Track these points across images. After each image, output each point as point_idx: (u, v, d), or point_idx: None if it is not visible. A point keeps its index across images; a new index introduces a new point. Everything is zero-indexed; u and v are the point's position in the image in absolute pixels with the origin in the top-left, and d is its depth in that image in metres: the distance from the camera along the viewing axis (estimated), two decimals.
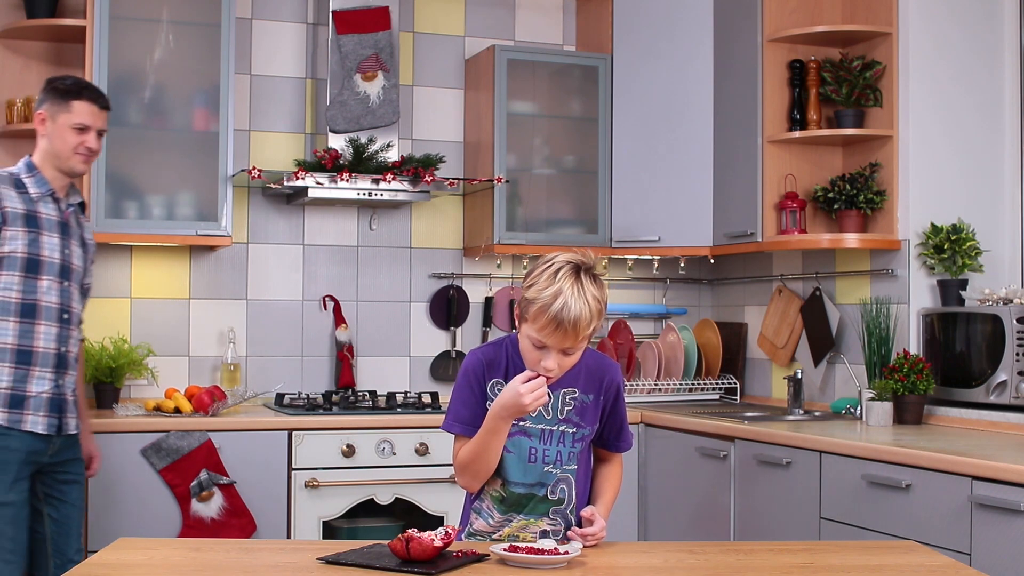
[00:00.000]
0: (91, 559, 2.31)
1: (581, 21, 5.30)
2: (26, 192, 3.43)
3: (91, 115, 3.49)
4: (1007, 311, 3.83)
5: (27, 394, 3.37)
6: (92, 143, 3.49)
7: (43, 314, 3.40)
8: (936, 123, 4.31)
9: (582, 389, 2.56)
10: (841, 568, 2.38)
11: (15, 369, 3.36)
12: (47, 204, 3.45)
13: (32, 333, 3.38)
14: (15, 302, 3.36)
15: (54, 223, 3.45)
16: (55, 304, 3.42)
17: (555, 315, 2.37)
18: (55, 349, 3.42)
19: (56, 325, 3.43)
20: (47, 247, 3.42)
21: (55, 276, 3.42)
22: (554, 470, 2.55)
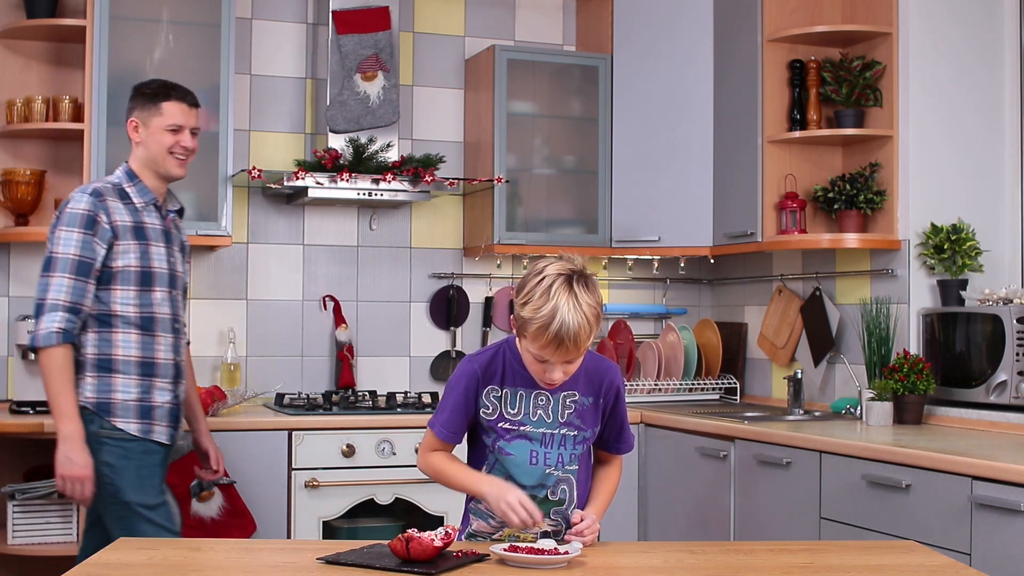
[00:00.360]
0: (91, 559, 2.31)
1: (581, 21, 5.30)
2: (131, 202, 3.39)
3: (182, 114, 3.45)
4: (1007, 311, 3.83)
5: (153, 404, 3.39)
6: (187, 142, 3.46)
7: (159, 326, 3.39)
8: (936, 123, 4.31)
9: (582, 392, 2.56)
10: (841, 568, 2.38)
11: (141, 380, 3.36)
12: (151, 213, 3.43)
13: (153, 345, 3.38)
14: (134, 315, 3.35)
15: (159, 232, 3.44)
16: (168, 315, 3.42)
17: (555, 334, 2.36)
18: (172, 359, 3.44)
19: (171, 336, 3.43)
20: (156, 258, 3.40)
21: (165, 287, 3.42)
22: (555, 472, 2.55)
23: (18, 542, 4.07)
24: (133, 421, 3.35)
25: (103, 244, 3.31)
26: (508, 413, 2.53)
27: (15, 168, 4.43)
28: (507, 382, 2.53)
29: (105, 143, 4.31)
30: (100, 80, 4.30)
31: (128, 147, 4.39)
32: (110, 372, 3.33)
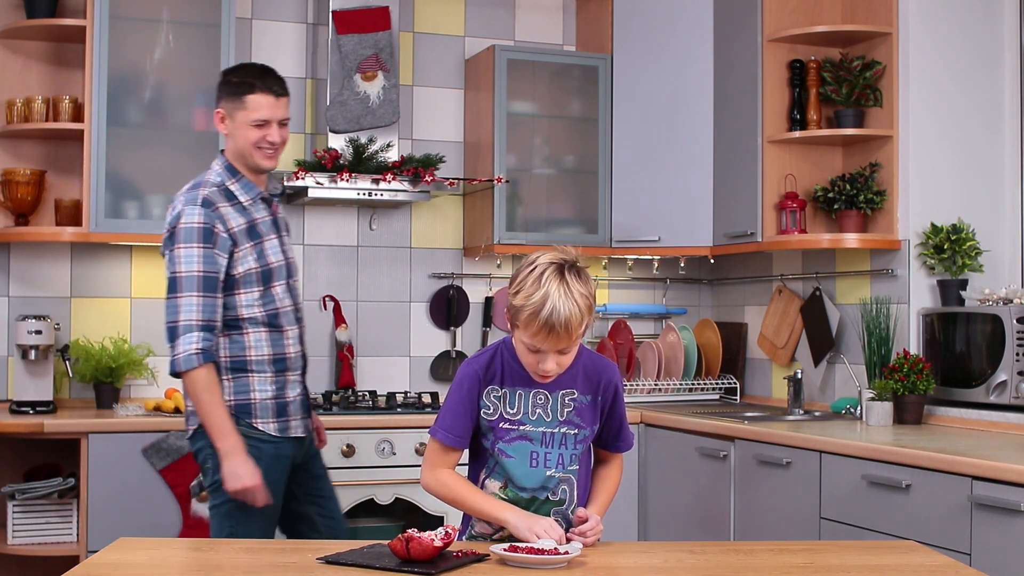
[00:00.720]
0: (91, 559, 2.31)
1: (581, 21, 5.30)
2: (238, 202, 3.28)
3: (268, 107, 3.30)
4: (1007, 311, 3.83)
5: (287, 400, 3.32)
6: (274, 136, 3.30)
7: (285, 319, 3.32)
8: (936, 123, 4.31)
9: (580, 390, 2.56)
10: (841, 568, 2.38)
11: (276, 377, 3.29)
12: (259, 207, 3.33)
13: (282, 340, 3.31)
14: (260, 315, 3.27)
15: (269, 224, 3.34)
16: (290, 307, 3.35)
17: (546, 320, 2.36)
18: (300, 351, 3.37)
19: (295, 327, 3.36)
20: (271, 252, 3.32)
21: (283, 279, 3.34)
22: (556, 473, 2.54)
23: (18, 542, 4.07)
24: (272, 421, 3.28)
25: (224, 254, 3.21)
26: (508, 413, 2.53)
27: (15, 168, 4.43)
28: (506, 382, 2.54)
29: (105, 143, 4.32)
30: (100, 80, 4.30)
31: (128, 147, 4.40)
32: (246, 372, 3.26)
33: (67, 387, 4.56)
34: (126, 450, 4.05)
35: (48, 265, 4.58)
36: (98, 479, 4.02)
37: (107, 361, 4.42)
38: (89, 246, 4.59)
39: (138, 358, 4.53)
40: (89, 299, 4.63)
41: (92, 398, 4.50)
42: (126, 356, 4.46)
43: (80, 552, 4.03)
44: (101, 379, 4.43)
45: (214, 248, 3.19)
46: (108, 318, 4.63)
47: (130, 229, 4.38)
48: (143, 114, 4.43)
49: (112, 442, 4.05)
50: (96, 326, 4.59)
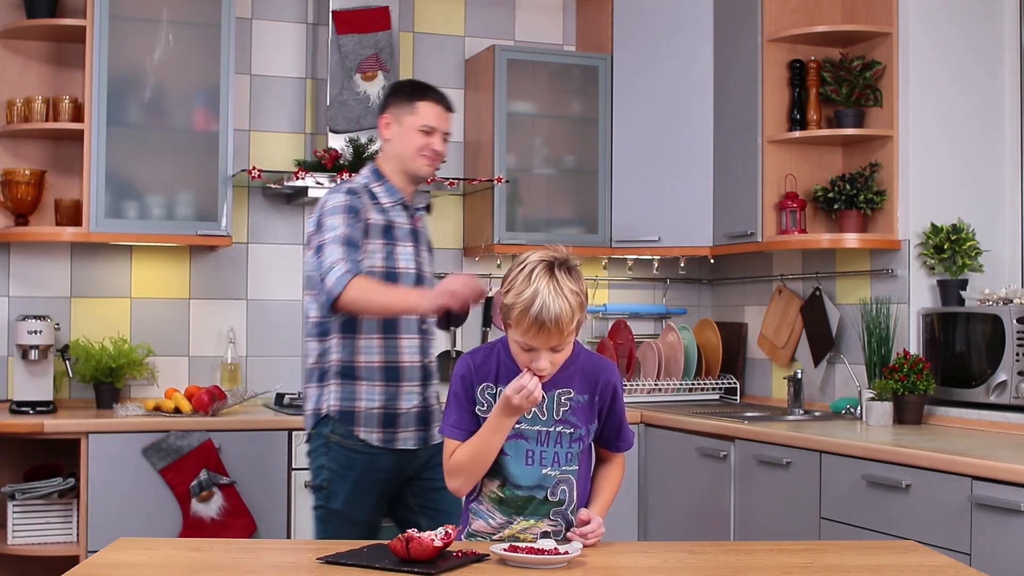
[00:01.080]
0: (91, 559, 2.31)
1: (581, 21, 5.30)
2: (378, 203, 3.30)
3: (437, 117, 3.35)
4: (1007, 311, 3.83)
5: (398, 411, 3.28)
6: (437, 145, 3.35)
7: (404, 328, 3.29)
8: (936, 123, 4.31)
9: (577, 389, 2.56)
10: (841, 568, 2.38)
11: (386, 387, 3.27)
12: (399, 213, 3.34)
13: (397, 349, 3.28)
14: (377, 319, 3.25)
15: (407, 232, 3.35)
16: (414, 316, 3.30)
17: (536, 317, 2.37)
18: (419, 362, 3.32)
19: (417, 337, 3.32)
20: (403, 258, 3.31)
21: (411, 288, 3.29)
22: (552, 472, 2.54)
23: (18, 542, 4.07)
24: (376, 430, 3.26)
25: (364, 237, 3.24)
26: None
27: (15, 168, 4.43)
28: (501, 379, 2.54)
29: (105, 143, 4.32)
30: (100, 80, 4.30)
31: (128, 147, 4.41)
32: (353, 380, 3.25)
33: (67, 387, 4.57)
34: (126, 450, 4.05)
35: (48, 265, 4.58)
36: (98, 479, 4.02)
37: (107, 361, 4.42)
38: (89, 246, 4.59)
39: (138, 358, 4.53)
40: (89, 299, 4.63)
41: (92, 398, 4.50)
42: (126, 356, 4.46)
43: (80, 552, 4.03)
44: (101, 379, 4.43)
45: (357, 220, 3.21)
46: (108, 318, 4.63)
47: (130, 229, 4.38)
48: (143, 114, 4.43)
49: (112, 442, 4.05)
50: (96, 326, 4.59)
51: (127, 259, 4.68)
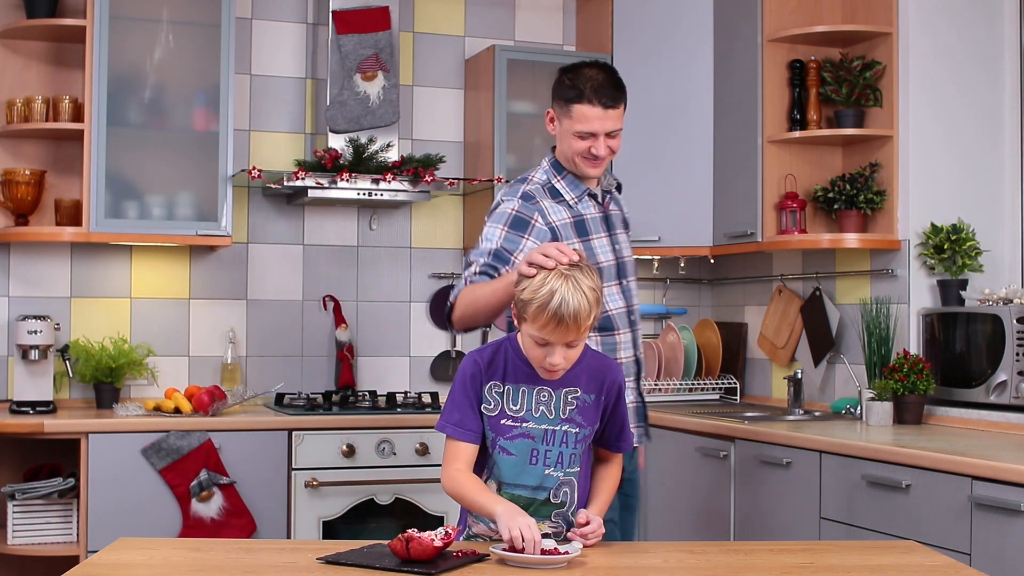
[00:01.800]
0: (91, 559, 2.31)
1: (581, 21, 5.30)
2: (563, 199, 3.10)
3: (596, 120, 3.03)
4: (1007, 311, 3.83)
5: None
6: (598, 149, 3.05)
7: (618, 321, 3.10)
8: (936, 123, 4.31)
9: (583, 389, 2.56)
10: (841, 568, 2.38)
11: None
12: (587, 204, 3.13)
13: (614, 344, 3.09)
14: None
15: (598, 221, 3.13)
16: (622, 308, 3.12)
17: (555, 311, 2.38)
18: (632, 356, 3.14)
19: (628, 330, 3.13)
20: (600, 251, 3.10)
21: (614, 279, 3.11)
22: (555, 473, 2.54)
23: (18, 542, 4.08)
24: None
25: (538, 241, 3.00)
26: (510, 409, 2.54)
27: (15, 168, 4.43)
28: (509, 378, 2.54)
29: (105, 143, 4.32)
30: (100, 80, 4.30)
31: (128, 147, 4.41)
32: None
33: (67, 387, 4.57)
34: (126, 450, 4.06)
35: (48, 265, 4.59)
36: (98, 479, 4.02)
37: (107, 361, 4.42)
38: (89, 246, 4.59)
39: (138, 358, 4.53)
40: (89, 299, 4.63)
41: (92, 398, 4.50)
42: (126, 356, 4.46)
43: (80, 552, 4.03)
44: (101, 379, 4.43)
45: (525, 236, 2.98)
46: (108, 318, 4.63)
47: (130, 229, 4.38)
48: (143, 114, 4.43)
49: (112, 442, 4.05)
50: (96, 326, 4.60)
51: (127, 259, 4.68)
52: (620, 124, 3.08)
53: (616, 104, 3.06)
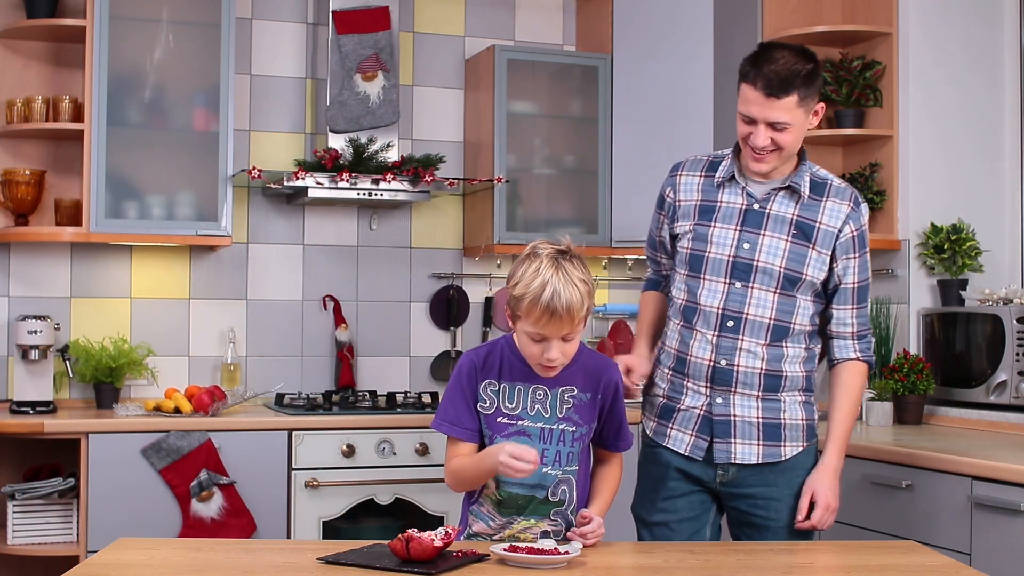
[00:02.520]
0: (91, 559, 2.31)
1: (581, 21, 5.30)
2: (712, 175, 2.94)
3: (756, 105, 2.78)
4: (1007, 311, 3.83)
5: (676, 407, 2.93)
6: (757, 139, 2.79)
7: (701, 319, 2.88)
8: (936, 123, 4.31)
9: (580, 387, 2.57)
10: (841, 568, 2.38)
11: (672, 376, 2.95)
12: (732, 191, 2.90)
13: (689, 340, 2.90)
14: (679, 302, 2.93)
15: (735, 211, 2.87)
16: (714, 308, 2.86)
17: (547, 304, 2.39)
18: (710, 360, 2.88)
19: (714, 333, 2.87)
20: (716, 242, 2.87)
21: (720, 276, 2.86)
22: (553, 471, 2.55)
23: (18, 542, 4.07)
24: (652, 419, 3.00)
25: (669, 222, 2.99)
26: (506, 408, 2.54)
27: (15, 168, 4.43)
28: (504, 376, 2.54)
29: (105, 143, 4.31)
30: (100, 80, 4.30)
31: (128, 147, 4.40)
32: (658, 364, 3.00)
33: (67, 387, 4.57)
34: (126, 450, 4.05)
35: (48, 265, 4.58)
36: (98, 479, 4.02)
37: (107, 361, 4.42)
38: (89, 246, 4.59)
39: (138, 358, 4.53)
40: (89, 299, 4.63)
41: (92, 398, 4.50)
42: (126, 356, 4.46)
43: (80, 552, 4.03)
44: (101, 379, 4.43)
45: (662, 212, 3.01)
46: (108, 318, 4.63)
47: (130, 229, 4.38)
48: (143, 114, 4.43)
49: (112, 442, 4.05)
50: (96, 326, 4.59)
51: (127, 259, 4.68)
52: (789, 118, 2.78)
53: (781, 93, 2.75)
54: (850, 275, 2.89)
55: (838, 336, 2.93)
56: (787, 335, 2.87)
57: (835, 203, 2.88)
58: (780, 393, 2.89)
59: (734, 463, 2.88)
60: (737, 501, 2.92)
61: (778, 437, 2.89)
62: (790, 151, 2.83)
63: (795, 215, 2.87)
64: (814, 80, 2.80)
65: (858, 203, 2.91)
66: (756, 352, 2.85)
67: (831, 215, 2.87)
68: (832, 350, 2.95)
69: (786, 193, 2.88)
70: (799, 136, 2.83)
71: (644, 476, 3.02)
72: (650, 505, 2.98)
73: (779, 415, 2.89)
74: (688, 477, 2.93)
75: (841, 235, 2.87)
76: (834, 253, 2.87)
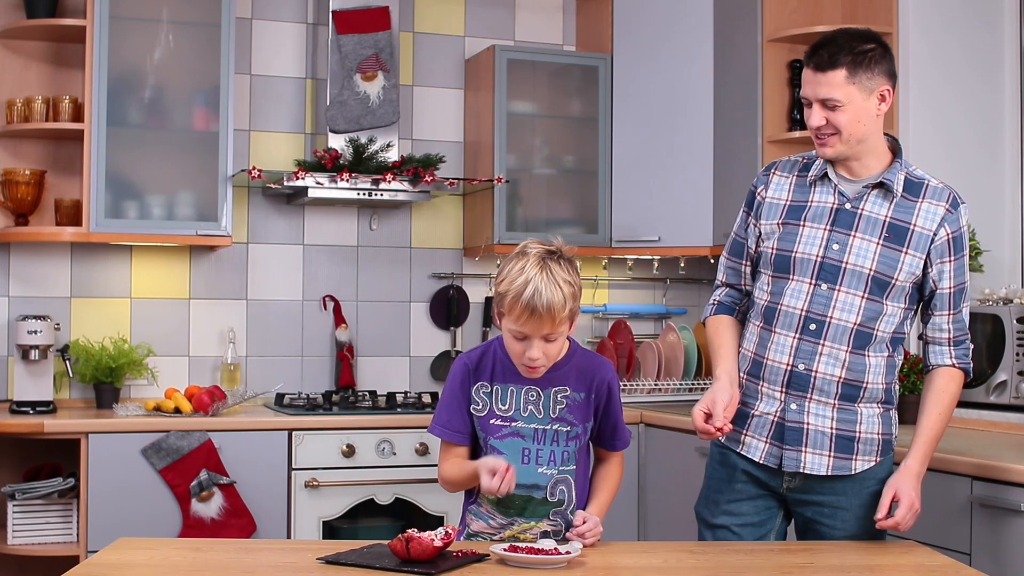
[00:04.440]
0: (91, 559, 2.32)
1: (581, 21, 5.30)
2: (804, 175, 2.87)
3: (808, 84, 2.76)
4: (1007, 311, 3.83)
5: (750, 412, 2.85)
6: (813, 118, 2.77)
7: (782, 322, 2.80)
8: (936, 123, 4.31)
9: (573, 387, 2.57)
10: (841, 568, 2.38)
11: (747, 380, 2.87)
12: (823, 190, 2.82)
13: (768, 342, 2.82)
14: (762, 303, 2.85)
15: (825, 211, 2.80)
16: (797, 310, 2.77)
17: (527, 302, 2.40)
18: (789, 364, 2.79)
19: (795, 336, 2.78)
20: (804, 242, 2.79)
21: (807, 277, 2.77)
22: (548, 471, 2.55)
23: (18, 542, 4.07)
24: None
25: (755, 220, 2.90)
26: (499, 409, 2.55)
27: (15, 168, 4.43)
28: (497, 378, 2.55)
29: (105, 143, 4.32)
30: (100, 80, 4.30)
31: (128, 147, 4.40)
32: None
33: (67, 387, 4.57)
34: (126, 450, 4.05)
35: (48, 265, 4.59)
36: (98, 479, 4.02)
37: (107, 361, 4.42)
38: (89, 246, 4.59)
39: (138, 358, 4.53)
40: (89, 299, 4.63)
41: (92, 398, 4.50)
42: (126, 356, 4.46)
43: (80, 552, 4.03)
44: (101, 379, 4.43)
45: (750, 212, 2.92)
46: (108, 318, 4.63)
47: (130, 229, 4.38)
48: (143, 114, 4.43)
49: (112, 442, 4.05)
50: (96, 326, 4.59)
51: (127, 259, 4.68)
52: (841, 95, 2.71)
53: (827, 68, 2.70)
54: (946, 279, 2.79)
55: (934, 342, 2.84)
56: (870, 342, 2.78)
57: (931, 204, 2.77)
58: (857, 404, 2.81)
59: (802, 472, 2.80)
60: (804, 508, 2.84)
61: (850, 450, 2.80)
62: (852, 134, 2.73)
63: (888, 217, 2.77)
64: (870, 60, 2.70)
65: (956, 204, 2.80)
66: (837, 357, 2.76)
67: (926, 217, 2.77)
68: (928, 355, 2.87)
69: (879, 192, 2.78)
70: (858, 118, 2.72)
71: (711, 477, 2.95)
72: (714, 507, 2.90)
73: (855, 427, 2.81)
74: (756, 481, 2.86)
75: (936, 238, 2.77)
76: (928, 257, 2.77)
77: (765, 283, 2.84)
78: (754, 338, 2.86)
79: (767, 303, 2.83)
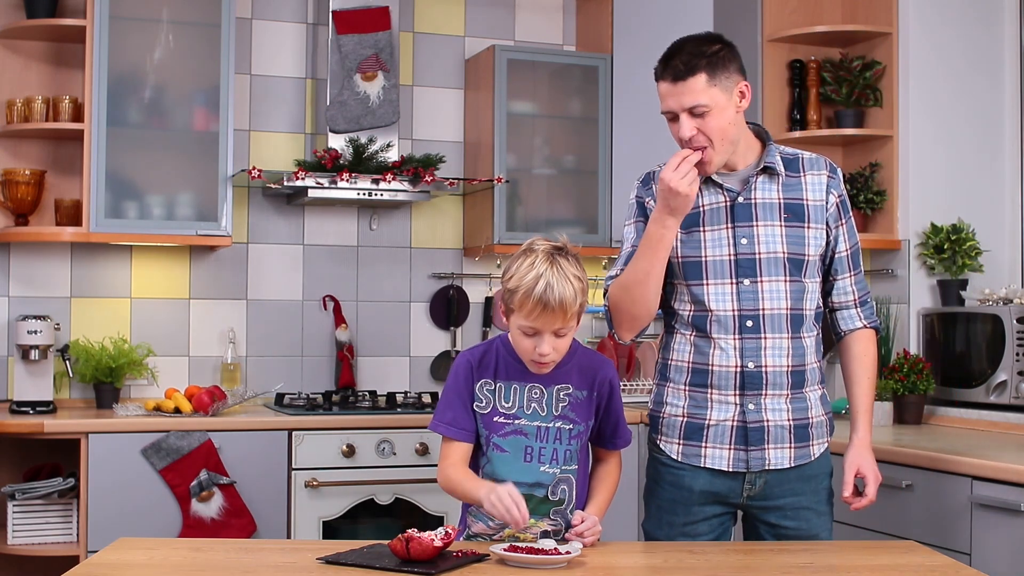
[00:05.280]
0: (91, 559, 2.32)
1: (581, 21, 5.30)
2: None
3: (669, 97, 2.76)
4: (1007, 311, 3.83)
5: (704, 422, 2.76)
6: (683, 129, 2.74)
7: (716, 325, 2.74)
8: (936, 123, 4.31)
9: (575, 385, 2.58)
10: (841, 568, 2.38)
11: (691, 391, 2.78)
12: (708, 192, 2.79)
13: (708, 348, 2.75)
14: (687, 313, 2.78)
15: (718, 211, 2.76)
16: (728, 311, 2.73)
17: (540, 297, 2.41)
18: (738, 366, 2.72)
19: (734, 337, 2.72)
20: (710, 245, 2.75)
21: (724, 278, 2.74)
22: (551, 470, 2.55)
23: (18, 542, 4.07)
24: (676, 442, 2.78)
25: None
26: (502, 406, 2.55)
27: (15, 168, 4.43)
28: (500, 375, 2.55)
29: (105, 143, 4.32)
30: (100, 80, 4.30)
31: (128, 147, 4.40)
32: (664, 381, 2.83)
33: (67, 387, 4.57)
34: (126, 450, 4.05)
35: (48, 265, 4.59)
36: (98, 479, 4.02)
37: (107, 361, 4.42)
38: (89, 246, 4.59)
39: (138, 358, 4.53)
40: (89, 299, 4.63)
41: (92, 398, 4.50)
42: (126, 356, 4.46)
43: (80, 552, 4.03)
44: (101, 379, 4.43)
45: (642, 219, 2.85)
46: (108, 318, 4.63)
47: (130, 229, 4.38)
48: (143, 114, 4.43)
49: (112, 442, 4.05)
50: (96, 326, 4.59)
51: (127, 259, 4.68)
52: (706, 99, 2.69)
53: (686, 75, 2.68)
54: (842, 243, 2.83)
55: (841, 307, 2.86)
56: (803, 323, 2.76)
57: (814, 175, 2.81)
58: (804, 390, 2.78)
59: (767, 470, 2.75)
60: (766, 514, 2.79)
61: (807, 437, 2.79)
62: (726, 137, 2.71)
63: (781, 199, 2.77)
64: (723, 60, 2.69)
65: (834, 169, 2.85)
66: (781, 347, 2.73)
67: (814, 189, 2.80)
68: (837, 323, 2.87)
69: (765, 177, 2.77)
70: (727, 119, 2.70)
71: (661, 498, 2.83)
72: (669, 528, 2.81)
73: (806, 414, 2.79)
74: (715, 498, 2.79)
75: (829, 205, 2.81)
76: (828, 225, 2.81)
77: (684, 292, 2.79)
78: (688, 347, 2.79)
79: (693, 312, 2.77)
